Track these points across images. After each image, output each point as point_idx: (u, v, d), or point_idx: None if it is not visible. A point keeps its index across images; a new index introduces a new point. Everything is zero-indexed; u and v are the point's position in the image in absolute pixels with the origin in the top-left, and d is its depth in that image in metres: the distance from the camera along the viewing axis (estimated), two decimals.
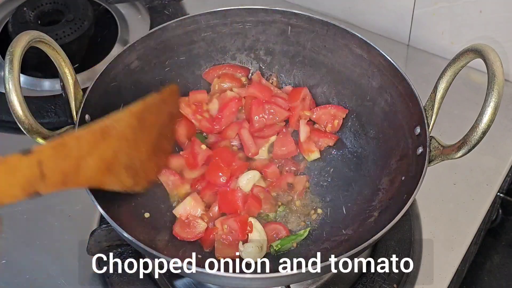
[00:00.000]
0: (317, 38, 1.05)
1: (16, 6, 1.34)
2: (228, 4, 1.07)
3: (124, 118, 0.81)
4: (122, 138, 0.79)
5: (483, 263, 1.20)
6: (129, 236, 0.80)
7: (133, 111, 0.83)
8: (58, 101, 1.18)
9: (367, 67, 1.01)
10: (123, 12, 1.39)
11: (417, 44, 1.31)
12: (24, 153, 0.63)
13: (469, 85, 1.22)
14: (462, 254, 1.00)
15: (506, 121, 1.17)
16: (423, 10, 1.25)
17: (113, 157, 0.77)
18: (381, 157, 1.00)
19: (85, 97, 0.91)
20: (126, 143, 0.80)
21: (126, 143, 0.80)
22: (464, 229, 1.03)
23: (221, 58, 1.10)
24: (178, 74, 1.08)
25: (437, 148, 0.87)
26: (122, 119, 0.80)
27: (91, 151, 0.73)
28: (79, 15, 1.30)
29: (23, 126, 0.81)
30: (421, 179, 0.84)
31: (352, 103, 1.06)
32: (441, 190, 1.08)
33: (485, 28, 1.21)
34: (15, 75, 0.79)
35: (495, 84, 0.77)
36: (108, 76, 0.97)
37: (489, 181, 1.09)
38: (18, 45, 0.80)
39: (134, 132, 0.81)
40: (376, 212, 0.93)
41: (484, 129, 0.78)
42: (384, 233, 0.80)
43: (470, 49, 0.84)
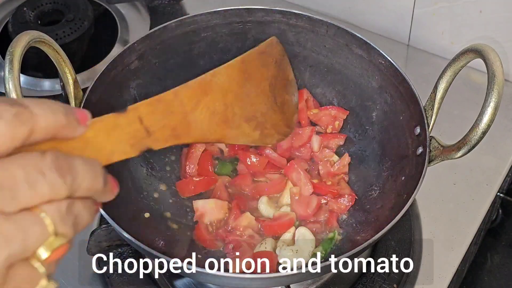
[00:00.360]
0: (317, 38, 1.05)
1: (16, 6, 1.34)
2: (228, 4, 1.07)
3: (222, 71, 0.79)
4: (228, 91, 0.77)
5: (483, 263, 1.19)
6: (129, 236, 0.80)
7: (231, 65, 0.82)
8: (58, 101, 1.18)
9: (367, 67, 1.01)
10: (123, 12, 1.39)
11: (417, 44, 1.31)
12: (119, 112, 0.62)
13: (469, 85, 1.22)
14: (462, 254, 1.00)
15: (506, 121, 1.17)
16: (423, 10, 1.25)
17: (224, 109, 0.76)
18: (380, 157, 1.00)
19: (85, 97, 0.91)
20: (235, 96, 0.78)
21: (235, 96, 0.78)
22: (464, 229, 1.03)
23: (221, 58, 1.10)
24: (178, 74, 1.08)
25: (437, 148, 0.87)
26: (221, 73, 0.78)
27: (195, 105, 0.71)
28: (79, 15, 1.30)
29: None
30: (421, 179, 0.84)
31: (352, 103, 1.06)
32: (441, 190, 1.08)
33: (485, 28, 1.21)
34: (15, 75, 0.79)
35: (495, 84, 0.77)
36: (108, 76, 0.97)
37: (489, 181, 1.09)
38: (18, 45, 0.80)
39: (240, 85, 0.79)
40: (376, 213, 0.93)
41: (484, 129, 0.78)
42: (384, 233, 0.80)
43: (470, 49, 0.83)
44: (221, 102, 0.75)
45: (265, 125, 0.83)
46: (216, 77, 0.76)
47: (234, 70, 0.78)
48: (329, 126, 1.06)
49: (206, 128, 0.73)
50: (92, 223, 0.56)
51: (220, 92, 0.76)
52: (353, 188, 1.00)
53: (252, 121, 0.81)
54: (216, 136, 0.75)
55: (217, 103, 0.75)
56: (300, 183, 0.99)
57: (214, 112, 0.74)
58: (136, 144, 0.62)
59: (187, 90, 0.71)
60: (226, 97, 0.76)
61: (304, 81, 1.10)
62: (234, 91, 0.78)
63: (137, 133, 0.63)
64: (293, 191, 0.98)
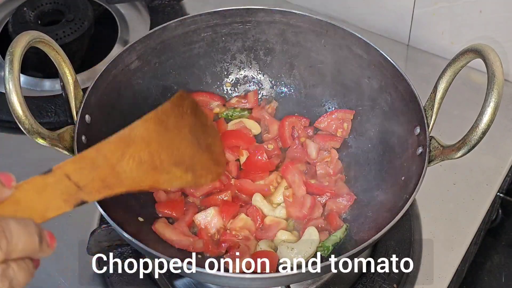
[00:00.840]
0: (317, 38, 1.05)
1: (16, 6, 1.34)
2: (228, 4, 1.07)
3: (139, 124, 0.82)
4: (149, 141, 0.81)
5: (483, 263, 1.19)
6: (129, 236, 0.80)
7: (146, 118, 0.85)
8: (58, 101, 1.18)
9: (367, 67, 1.01)
10: (123, 12, 1.39)
11: (417, 44, 1.31)
12: (44, 173, 0.65)
13: (469, 85, 1.22)
14: (462, 254, 1.00)
15: (506, 121, 1.17)
16: (423, 10, 1.25)
17: (151, 157, 0.79)
18: (380, 157, 1.00)
19: (85, 97, 0.91)
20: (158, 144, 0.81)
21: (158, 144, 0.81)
22: (464, 229, 1.03)
23: (221, 58, 1.11)
24: (178, 74, 1.08)
25: (437, 148, 0.87)
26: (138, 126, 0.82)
27: (120, 157, 0.75)
28: (79, 15, 1.30)
29: (23, 126, 0.81)
30: (421, 179, 0.84)
31: (352, 103, 1.06)
32: (441, 190, 1.08)
33: (485, 28, 1.21)
34: (15, 75, 0.79)
35: (495, 84, 0.77)
36: (108, 76, 0.97)
37: (489, 181, 1.09)
38: (18, 45, 0.80)
39: (160, 134, 0.83)
40: (376, 213, 0.93)
41: (484, 129, 0.78)
42: (384, 233, 0.80)
43: (470, 49, 0.84)
44: (145, 151, 0.79)
45: (195, 167, 0.86)
46: (134, 130, 0.79)
47: (150, 123, 0.82)
48: (338, 130, 1.05)
49: (137, 176, 0.76)
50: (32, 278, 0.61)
51: (142, 143, 0.79)
52: (353, 188, 1.00)
53: (181, 164, 0.84)
54: (149, 183, 0.78)
55: (141, 152, 0.78)
56: (294, 185, 0.99)
57: (141, 161, 0.77)
58: (69, 199, 0.66)
59: (109, 145, 0.75)
60: (150, 146, 0.79)
61: (304, 81, 1.10)
62: (156, 140, 0.81)
63: (67, 189, 0.66)
64: (285, 194, 0.98)
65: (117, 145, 0.76)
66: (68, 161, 0.69)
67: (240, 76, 1.13)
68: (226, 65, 1.11)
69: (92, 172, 0.70)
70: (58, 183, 0.66)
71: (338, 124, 1.06)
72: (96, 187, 0.70)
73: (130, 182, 0.76)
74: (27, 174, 0.61)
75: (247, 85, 1.13)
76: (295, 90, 1.11)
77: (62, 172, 0.67)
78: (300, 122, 1.08)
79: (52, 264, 0.98)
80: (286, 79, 1.11)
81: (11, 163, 1.11)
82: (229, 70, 1.12)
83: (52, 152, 0.88)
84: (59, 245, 1.00)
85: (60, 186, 0.66)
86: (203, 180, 0.88)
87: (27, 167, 1.09)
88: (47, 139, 0.84)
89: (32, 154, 1.11)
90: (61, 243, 1.00)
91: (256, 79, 1.13)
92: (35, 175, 0.63)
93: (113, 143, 0.76)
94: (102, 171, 0.72)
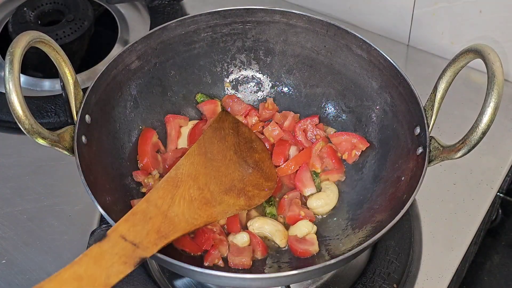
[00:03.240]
0: (317, 38, 1.05)
1: (16, 6, 1.34)
2: (228, 4, 1.07)
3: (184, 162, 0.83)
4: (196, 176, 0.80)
5: (483, 263, 1.20)
6: None
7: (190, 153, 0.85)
8: (58, 101, 1.19)
9: (367, 67, 1.01)
10: (123, 12, 1.39)
11: (417, 44, 1.31)
12: (100, 240, 0.66)
13: (469, 85, 1.22)
14: (462, 254, 1.00)
15: (506, 121, 1.17)
16: (423, 10, 1.25)
17: (200, 193, 0.79)
18: (380, 157, 1.00)
19: (85, 97, 0.91)
20: (205, 176, 0.81)
21: (205, 177, 0.81)
22: (464, 229, 1.03)
23: (221, 58, 1.11)
24: (178, 74, 1.08)
25: (437, 148, 0.87)
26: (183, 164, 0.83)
27: (170, 202, 0.74)
28: (79, 15, 1.30)
29: (23, 126, 0.81)
30: (421, 179, 0.84)
31: (352, 103, 1.06)
32: (441, 190, 1.08)
33: (485, 28, 1.21)
34: (15, 75, 0.79)
35: (495, 84, 0.77)
36: (108, 76, 0.97)
37: (489, 181, 1.09)
38: (18, 45, 0.80)
39: (205, 166, 0.82)
40: (376, 213, 0.93)
41: (484, 129, 0.78)
42: (384, 233, 0.80)
43: (470, 49, 0.84)
44: (194, 188, 0.78)
45: (246, 189, 0.85)
46: (180, 169, 0.79)
47: (194, 157, 0.82)
48: (345, 153, 1.03)
49: (190, 216, 0.76)
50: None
51: (190, 180, 0.79)
52: (353, 189, 1.00)
53: (232, 191, 0.83)
54: (203, 219, 0.78)
55: (190, 190, 0.78)
56: None
57: (192, 199, 0.77)
58: (128, 260, 0.65)
59: (157, 192, 0.75)
60: (198, 181, 0.79)
61: (304, 81, 1.10)
62: (202, 173, 0.80)
63: (125, 251, 0.66)
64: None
65: (165, 189, 0.76)
66: (121, 222, 0.69)
67: (240, 76, 1.13)
68: (226, 65, 1.11)
69: (145, 226, 0.70)
70: (115, 247, 0.65)
71: (348, 148, 1.03)
72: (152, 240, 0.69)
73: (184, 224, 0.75)
74: (27, 174, 0.60)
75: (247, 85, 1.13)
76: (295, 90, 1.11)
77: (117, 235, 0.67)
78: (311, 123, 1.07)
79: (52, 264, 0.98)
80: (286, 79, 1.11)
81: (11, 163, 1.11)
82: (229, 70, 1.12)
83: (52, 152, 0.88)
84: (59, 245, 1.01)
85: (117, 250, 0.65)
86: (256, 200, 0.87)
87: (27, 167, 1.09)
88: (47, 139, 0.84)
89: (32, 154, 1.11)
90: (61, 243, 1.02)
91: (256, 79, 1.13)
92: (35, 175, 0.62)
93: (162, 188, 0.76)
94: (156, 222, 0.71)
